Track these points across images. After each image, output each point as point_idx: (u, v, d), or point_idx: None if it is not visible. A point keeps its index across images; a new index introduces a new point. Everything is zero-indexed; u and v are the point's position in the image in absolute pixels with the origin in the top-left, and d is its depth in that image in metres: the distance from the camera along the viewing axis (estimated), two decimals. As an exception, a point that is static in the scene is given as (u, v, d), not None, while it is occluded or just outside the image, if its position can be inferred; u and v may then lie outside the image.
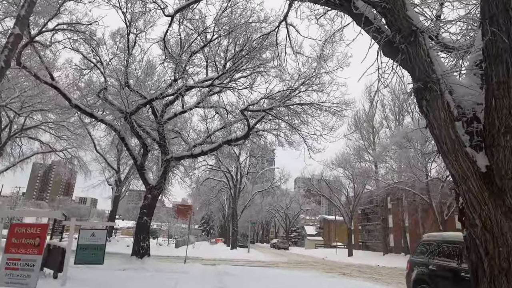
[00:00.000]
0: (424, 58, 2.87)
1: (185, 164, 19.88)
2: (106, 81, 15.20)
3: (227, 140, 15.43)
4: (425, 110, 2.92)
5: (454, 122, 2.84)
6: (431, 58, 2.90)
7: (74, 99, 15.19)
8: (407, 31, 2.93)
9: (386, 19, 3.11)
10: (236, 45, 12.53)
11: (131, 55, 14.30)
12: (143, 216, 15.06)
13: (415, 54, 2.87)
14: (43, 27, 12.05)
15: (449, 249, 6.89)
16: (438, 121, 2.87)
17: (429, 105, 2.88)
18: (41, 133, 29.44)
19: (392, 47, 3.51)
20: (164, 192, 16.56)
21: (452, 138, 2.81)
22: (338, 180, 40.23)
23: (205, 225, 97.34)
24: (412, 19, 2.93)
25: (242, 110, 13.68)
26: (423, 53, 2.88)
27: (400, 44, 2.92)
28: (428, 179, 29.31)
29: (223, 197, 50.31)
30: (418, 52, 2.87)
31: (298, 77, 12.31)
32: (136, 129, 14.52)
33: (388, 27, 3.15)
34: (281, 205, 68.90)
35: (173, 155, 15.45)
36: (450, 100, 2.87)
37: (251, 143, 22.12)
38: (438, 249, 7.20)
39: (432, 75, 2.83)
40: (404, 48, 2.90)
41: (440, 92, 2.81)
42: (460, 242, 6.70)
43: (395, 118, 44.53)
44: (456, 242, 6.76)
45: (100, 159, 28.87)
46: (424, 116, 2.99)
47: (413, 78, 2.98)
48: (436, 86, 2.79)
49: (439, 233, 8.39)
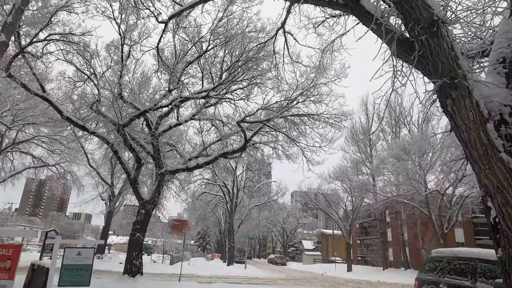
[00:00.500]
0: (448, 51, 2.52)
1: (180, 178, 19.35)
2: (100, 93, 14.85)
3: (224, 152, 15.01)
4: (450, 110, 2.55)
5: (485, 124, 2.47)
6: (455, 51, 2.56)
7: (66, 112, 14.77)
8: (427, 22, 2.59)
9: (401, 10, 2.77)
10: (232, 56, 12.27)
11: (125, 66, 13.99)
12: (136, 232, 14.45)
13: (438, 47, 2.53)
14: (34, 37, 11.73)
15: (461, 266, 6.43)
16: (466, 123, 2.49)
17: (455, 104, 2.52)
18: (33, 147, 28.91)
19: (403, 46, 3.17)
20: (158, 207, 16.01)
21: (483, 142, 2.43)
22: (336, 194, 39.75)
23: (201, 240, 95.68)
24: (432, 8, 2.59)
25: (238, 122, 13.33)
26: (446, 46, 2.53)
27: (419, 37, 2.57)
28: (427, 191, 28.92)
29: (220, 212, 49.49)
30: (440, 45, 2.52)
31: (296, 87, 12.04)
32: (130, 142, 14.07)
33: (404, 18, 2.81)
34: (278, 220, 67.97)
35: (167, 169, 14.98)
36: (480, 98, 2.51)
37: (248, 156, 21.72)
38: (449, 266, 6.74)
39: (458, 70, 2.48)
40: (423, 41, 2.55)
41: (469, 90, 2.45)
42: (473, 258, 6.26)
43: (392, 131, 44.53)
44: (469, 258, 6.32)
45: (93, 174, 28.27)
46: (449, 117, 2.62)
47: (435, 75, 2.62)
48: (464, 82, 2.42)
49: (449, 248, 7.92)
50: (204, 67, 13.97)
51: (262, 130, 18.10)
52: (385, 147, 43.42)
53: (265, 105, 12.92)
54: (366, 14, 3.64)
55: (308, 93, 12.06)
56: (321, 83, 13.02)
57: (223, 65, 12.92)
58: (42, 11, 11.94)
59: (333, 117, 12.42)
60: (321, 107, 12.51)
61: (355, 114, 41.86)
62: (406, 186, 32.09)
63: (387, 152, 36.43)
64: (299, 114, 12.65)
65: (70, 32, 12.47)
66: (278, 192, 44.28)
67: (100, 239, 27.38)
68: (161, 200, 16.08)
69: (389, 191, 35.01)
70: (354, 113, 38.46)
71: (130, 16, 13.27)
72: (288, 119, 13.04)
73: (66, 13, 12.72)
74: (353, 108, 57.99)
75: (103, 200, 28.40)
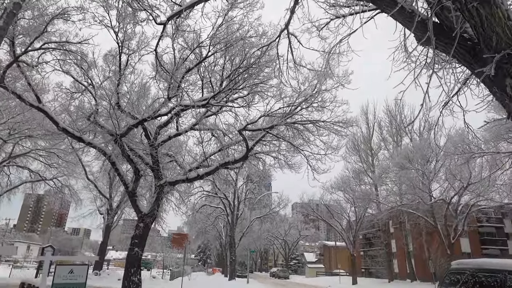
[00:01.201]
0: (504, 21, 2.11)
1: (180, 190, 18.81)
2: (97, 104, 14.47)
3: (225, 162, 14.54)
4: (510, 91, 2.10)
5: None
6: (513, 21, 2.14)
7: (62, 123, 14.37)
8: (477, -13, 2.18)
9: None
10: (233, 63, 11.93)
11: (123, 75, 13.64)
12: (134, 247, 13.84)
13: (491, 17, 2.12)
14: (29, 46, 11.39)
15: (488, 279, 5.90)
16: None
17: (518, 84, 2.07)
18: (30, 161, 28.39)
19: (426, 30, 2.75)
20: (158, 220, 15.44)
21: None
22: (339, 205, 39.07)
23: (201, 254, 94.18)
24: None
25: (240, 130, 12.91)
26: (501, 15, 2.12)
27: (466, 6, 2.14)
28: (433, 200, 28.31)
29: (220, 225, 48.66)
30: (494, 13, 2.11)
31: (299, 94, 11.65)
32: (128, 153, 13.61)
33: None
34: (280, 232, 66.98)
35: (167, 180, 14.47)
36: (547, 77, 2.07)
37: (249, 166, 21.26)
38: (473, 279, 6.21)
39: (518, 42, 2.06)
40: (472, 12, 2.13)
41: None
42: (501, 270, 5.74)
43: (393, 140, 44.19)
44: (497, 270, 5.79)
45: (91, 187, 27.69)
46: (508, 100, 2.15)
47: (488, 50, 2.19)
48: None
49: (473, 259, 7.36)
50: (204, 75, 13.62)
51: (264, 139, 17.68)
52: (386, 156, 43.06)
53: (267, 112, 12.50)
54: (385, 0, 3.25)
55: (311, 99, 11.67)
56: (324, 89, 12.67)
57: (224, 72, 12.58)
58: (38, 19, 11.65)
59: (338, 124, 11.99)
60: (324, 115, 12.14)
61: (358, 122, 41.56)
62: (410, 195, 31.53)
63: (389, 161, 35.94)
64: (303, 121, 12.21)
65: (67, 41, 12.15)
66: (280, 204, 43.64)
67: (98, 254, 26.64)
68: (161, 213, 15.52)
69: (393, 201, 34.37)
70: (358, 120, 38.07)
71: (128, 25, 13.06)
72: (291, 126, 12.60)
73: (63, 22, 12.45)
74: (356, 115, 57.82)
75: (101, 214, 27.74)
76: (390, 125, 43.71)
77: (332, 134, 12.42)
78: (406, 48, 4.68)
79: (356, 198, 35.41)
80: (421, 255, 37.90)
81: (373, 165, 43.16)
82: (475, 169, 25.69)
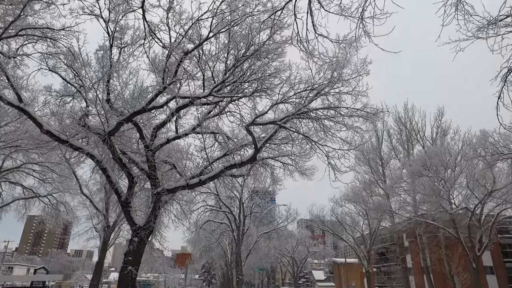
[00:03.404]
0: None
1: (181, 201, 16.93)
2: (88, 105, 12.90)
3: (230, 165, 12.78)
4: None
5: None
6: None
7: (46, 125, 12.75)
8: None
9: None
10: (238, 46, 10.35)
11: (114, 69, 12.08)
12: (127, 265, 11.93)
13: None
14: (3, 32, 9.90)
15: None
16: None
17: None
18: (23, 177, 26.78)
19: None
20: (155, 234, 13.57)
21: None
22: (351, 217, 36.81)
23: (206, 274, 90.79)
24: None
25: (247, 126, 11.21)
26: None
27: None
28: (456, 209, 26.14)
29: (225, 242, 46.26)
30: None
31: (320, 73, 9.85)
32: (119, 156, 11.90)
33: None
34: (287, 249, 64.07)
35: (165, 187, 12.69)
36: None
37: (256, 174, 19.46)
38: None
39: None
40: None
41: None
42: None
43: (404, 148, 42.22)
44: None
45: (88, 203, 25.87)
46: None
47: None
48: None
49: None
50: (205, 68, 12.05)
51: (273, 141, 15.97)
52: (397, 166, 41.06)
53: (280, 100, 10.72)
54: None
55: (337, 80, 9.91)
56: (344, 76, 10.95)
57: (228, 60, 10.99)
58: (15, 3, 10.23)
59: (368, 110, 10.16)
60: (345, 104, 10.39)
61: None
62: (429, 204, 29.37)
63: (401, 171, 33.91)
64: (327, 107, 10.33)
65: (48, 27, 10.67)
66: (288, 218, 41.37)
67: (94, 275, 24.54)
68: (158, 226, 13.66)
69: (411, 211, 32.10)
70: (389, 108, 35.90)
71: (121, 15, 11.64)
72: (310, 117, 10.82)
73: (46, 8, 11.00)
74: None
75: (97, 232, 25.79)
76: (400, 132, 41.86)
77: (357, 125, 10.58)
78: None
79: (370, 209, 33.20)
80: (441, 270, 35.23)
81: (384, 175, 41.12)
82: (501, 173, 23.73)
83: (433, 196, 25.92)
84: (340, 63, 10.37)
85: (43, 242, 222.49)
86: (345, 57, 10.10)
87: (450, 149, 27.51)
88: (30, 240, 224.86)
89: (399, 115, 41.49)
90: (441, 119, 37.58)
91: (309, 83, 10.37)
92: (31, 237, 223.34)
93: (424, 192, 28.37)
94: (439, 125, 37.18)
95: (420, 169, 27.65)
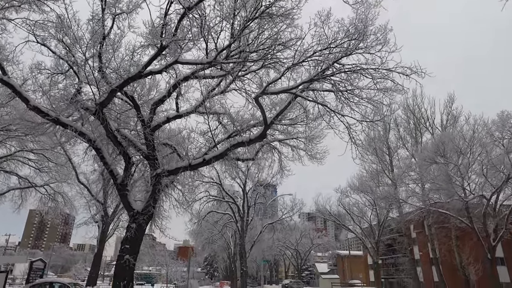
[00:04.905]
0: None
1: (183, 187, 15.67)
2: (81, 81, 11.64)
3: (237, 143, 11.56)
4: None
5: None
6: None
7: (34, 101, 11.55)
8: None
9: None
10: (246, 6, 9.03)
11: (107, 37, 10.77)
12: (124, 254, 10.79)
13: None
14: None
15: None
16: None
17: None
18: (19, 166, 25.61)
19: None
20: (154, 220, 12.40)
21: None
22: (359, 208, 35.58)
23: (208, 267, 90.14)
24: None
25: (257, 96, 9.94)
26: None
27: None
28: (473, 196, 24.87)
29: (228, 234, 45.22)
30: None
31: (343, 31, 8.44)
32: (113, 132, 10.66)
33: None
34: (291, 241, 63.15)
35: (165, 168, 11.49)
36: None
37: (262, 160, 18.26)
38: None
39: None
40: None
41: None
42: None
43: (412, 136, 40.79)
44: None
45: (85, 192, 24.75)
46: None
47: None
48: None
49: None
50: (208, 34, 10.73)
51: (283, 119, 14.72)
52: (404, 156, 39.72)
53: (298, 61, 9.29)
54: None
55: (357, 43, 8.55)
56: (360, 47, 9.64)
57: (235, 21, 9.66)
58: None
59: (400, 70, 8.78)
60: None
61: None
62: (440, 193, 28.14)
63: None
64: (352, 67, 8.87)
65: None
66: (293, 208, 40.17)
67: (92, 267, 23.51)
68: (159, 212, 12.48)
69: (421, 200, 30.86)
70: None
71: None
72: (332, 82, 9.45)
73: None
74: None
75: (96, 222, 24.68)
76: (407, 120, 40.34)
77: (378, 98, 9.23)
78: None
79: (378, 198, 31.95)
80: (451, 262, 34.08)
81: (391, 165, 39.80)
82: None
83: (447, 184, 24.65)
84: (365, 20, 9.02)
85: (46, 236, 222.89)
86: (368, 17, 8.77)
87: (465, 134, 26.17)
88: (33, 234, 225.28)
89: (407, 102, 40.01)
90: (451, 106, 36.19)
91: (329, 43, 9.01)
92: (33, 231, 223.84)
93: (436, 180, 27.13)
94: (449, 111, 35.78)
95: (432, 155, 26.38)
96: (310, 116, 11.80)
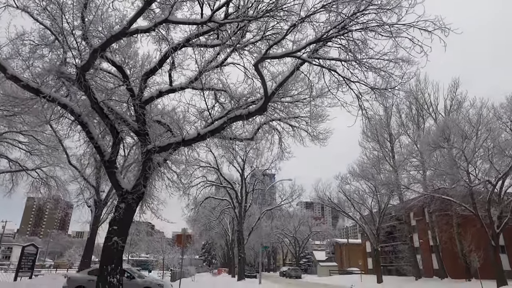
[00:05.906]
0: None
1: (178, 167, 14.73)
2: (66, 51, 10.59)
3: (235, 116, 10.61)
4: None
5: None
6: None
7: (12, 70, 10.53)
8: None
9: None
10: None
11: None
12: (112, 235, 9.95)
13: None
14: None
15: None
16: None
17: None
18: (9, 149, 24.60)
19: None
20: (145, 200, 11.53)
21: None
22: (359, 195, 34.87)
23: (206, 254, 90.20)
24: None
25: (257, 63, 8.94)
26: None
27: None
28: (478, 182, 24.10)
29: (226, 221, 44.67)
30: None
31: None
32: (98, 104, 9.68)
33: None
34: (289, 229, 62.85)
35: (156, 144, 10.56)
36: None
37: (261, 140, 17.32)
38: None
39: None
40: None
41: None
42: None
43: (414, 122, 39.90)
44: None
45: (77, 175, 23.84)
46: None
47: None
48: None
49: None
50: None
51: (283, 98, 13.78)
52: (406, 143, 38.88)
53: (303, 18, 8.15)
54: None
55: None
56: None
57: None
58: None
59: (422, 25, 7.65)
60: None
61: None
62: (444, 178, 27.40)
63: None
64: (366, 28, 7.66)
65: None
66: (293, 194, 39.50)
67: (85, 252, 22.79)
68: (150, 191, 11.59)
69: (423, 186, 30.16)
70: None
71: None
72: (342, 45, 8.35)
73: None
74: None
75: (89, 207, 23.87)
76: (409, 105, 39.37)
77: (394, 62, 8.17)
78: None
79: (380, 185, 31.21)
80: (452, 249, 33.62)
81: (392, 151, 39.01)
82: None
83: (451, 168, 23.84)
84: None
85: (44, 224, 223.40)
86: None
87: (471, 118, 25.27)
88: (31, 222, 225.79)
89: (410, 87, 38.93)
90: (455, 91, 35.21)
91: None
92: (31, 218, 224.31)
93: (439, 166, 26.35)
94: (453, 97, 34.81)
95: (436, 139, 25.50)
96: (313, 94, 10.83)
